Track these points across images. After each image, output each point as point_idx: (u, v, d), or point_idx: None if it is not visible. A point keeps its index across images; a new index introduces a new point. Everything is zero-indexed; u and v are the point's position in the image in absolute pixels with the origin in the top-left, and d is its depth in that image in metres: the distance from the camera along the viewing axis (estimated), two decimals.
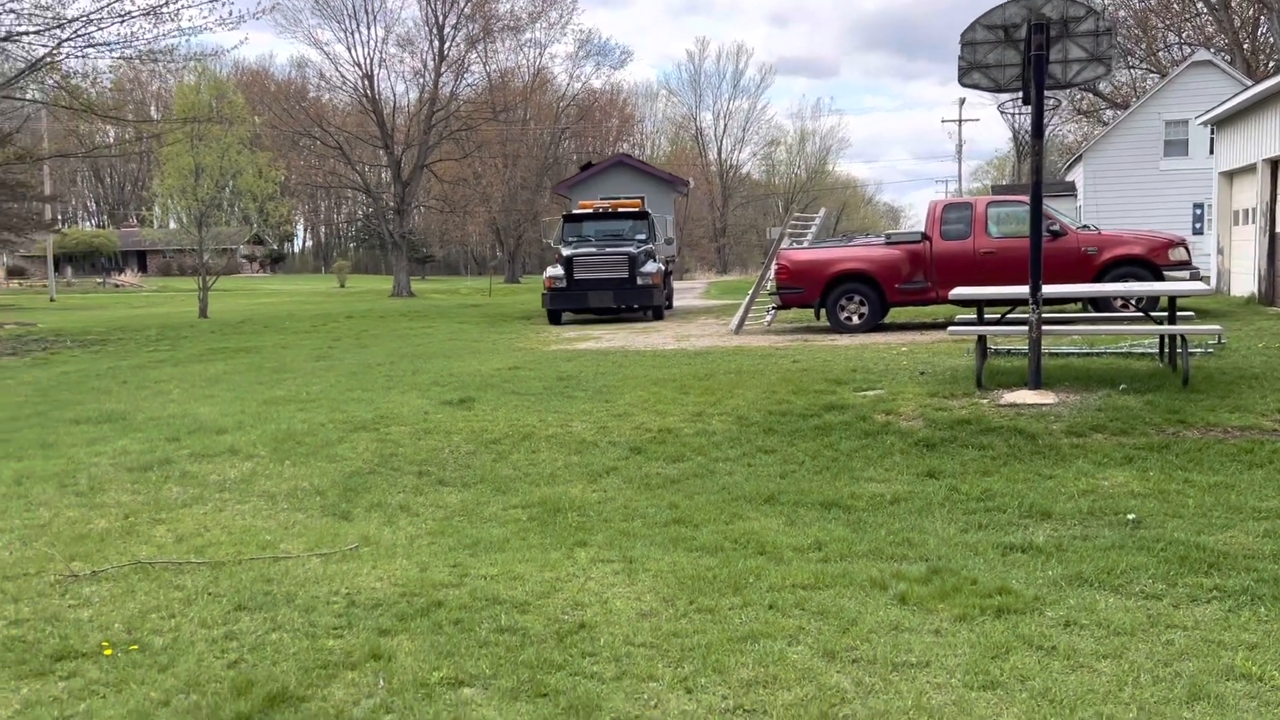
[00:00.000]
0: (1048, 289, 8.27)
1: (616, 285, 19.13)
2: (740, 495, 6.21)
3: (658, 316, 19.59)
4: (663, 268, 20.42)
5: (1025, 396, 7.95)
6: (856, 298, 15.07)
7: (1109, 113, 43.12)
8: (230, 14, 26.30)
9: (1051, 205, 17.02)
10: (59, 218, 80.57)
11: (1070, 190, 35.07)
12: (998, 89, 8.64)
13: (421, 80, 43.36)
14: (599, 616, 4.27)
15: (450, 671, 3.75)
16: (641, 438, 7.65)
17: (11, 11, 18.80)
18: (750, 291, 16.93)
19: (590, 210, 21.86)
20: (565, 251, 19.82)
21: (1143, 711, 3.31)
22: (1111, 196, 29.82)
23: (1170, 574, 4.61)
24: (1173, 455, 6.56)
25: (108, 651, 3.95)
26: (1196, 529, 5.24)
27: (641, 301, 19.27)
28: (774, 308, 16.17)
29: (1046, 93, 8.63)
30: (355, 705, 3.50)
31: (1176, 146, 30.47)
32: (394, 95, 49.89)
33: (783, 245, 16.40)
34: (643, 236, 20.69)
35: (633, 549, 5.22)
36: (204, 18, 37.63)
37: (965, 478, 6.39)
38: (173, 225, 56.39)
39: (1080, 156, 32.88)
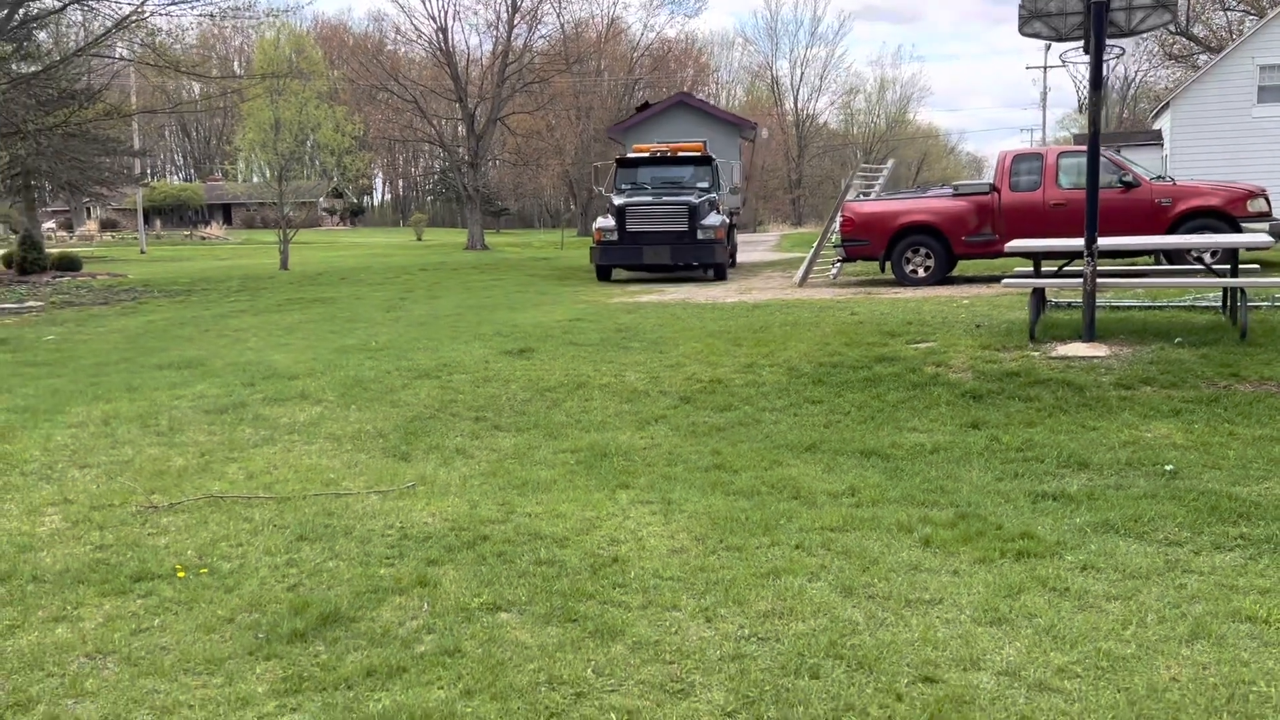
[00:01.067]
0: (1103, 241, 8.20)
1: (674, 239, 17.22)
2: (782, 443, 6.38)
3: (719, 276, 17.52)
4: (727, 220, 18.29)
5: (1078, 349, 7.95)
6: (922, 250, 14.96)
7: (1203, 58, 41.51)
8: None
9: (1128, 156, 16.64)
10: (148, 172, 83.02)
11: (1157, 139, 34.00)
12: (1058, 38, 8.52)
13: (495, 32, 43.59)
14: (632, 552, 4.52)
15: (490, 598, 4.02)
16: (692, 388, 7.85)
17: None
18: (815, 244, 16.91)
19: (646, 154, 19.59)
20: (617, 200, 17.86)
21: (1141, 648, 3.45)
22: (1201, 145, 28.86)
23: (1197, 522, 4.68)
24: (1221, 409, 6.54)
25: (180, 574, 4.31)
26: (1232, 480, 5.28)
27: (702, 258, 17.35)
28: (839, 260, 16.15)
29: (1109, 41, 8.50)
30: (401, 626, 3.80)
31: (1271, 92, 29.28)
32: (468, 48, 50.22)
33: (849, 197, 16.33)
34: (705, 185, 18.53)
35: (672, 491, 5.44)
36: None
37: (1008, 428, 6.47)
38: (256, 179, 57.90)
39: (1167, 104, 31.82)
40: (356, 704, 3.21)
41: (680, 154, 19.34)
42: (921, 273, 14.90)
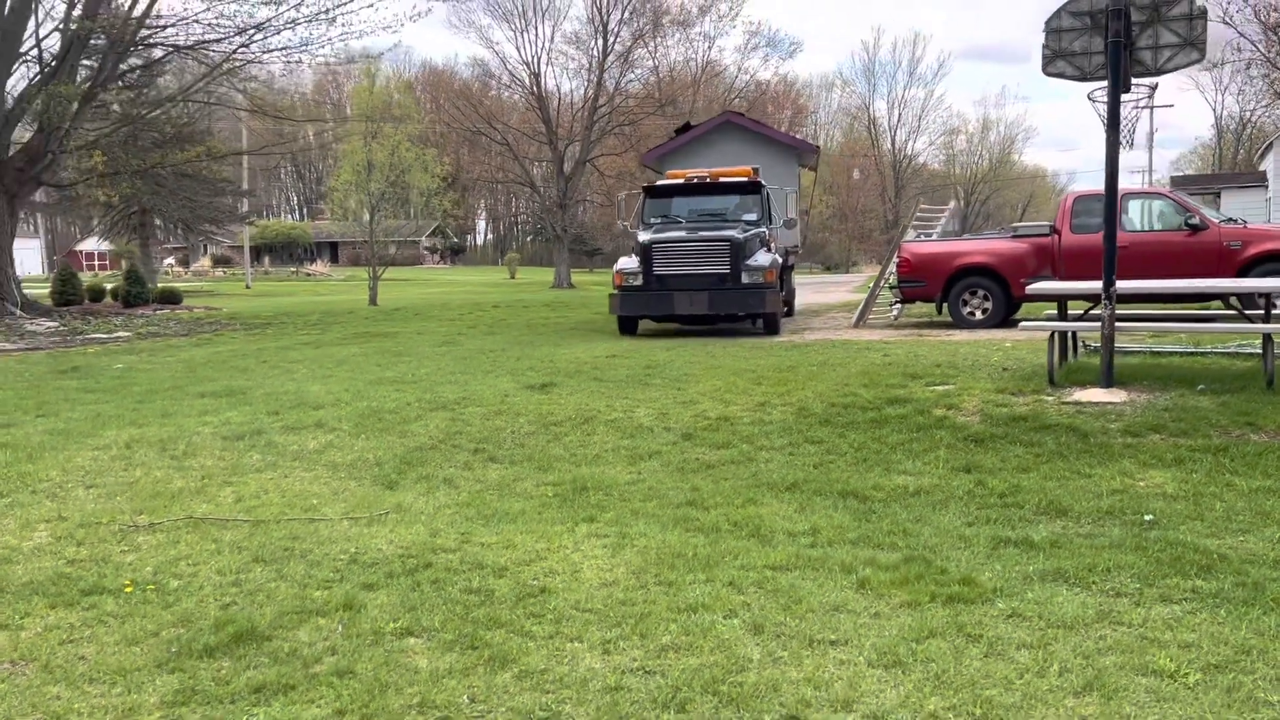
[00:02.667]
0: (1121, 285, 7.97)
1: (713, 283, 14.28)
2: (765, 482, 6.35)
3: (770, 328, 14.69)
4: (779, 260, 15.45)
5: (1094, 395, 7.72)
6: (980, 292, 14.73)
7: None
8: (396, 16, 27.73)
9: (1230, 198, 16.09)
10: (263, 211, 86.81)
11: (1261, 180, 32.72)
12: (1083, 78, 8.37)
13: (589, 75, 44.52)
14: (563, 583, 4.56)
15: (405, 623, 4.12)
16: (697, 425, 7.86)
17: (198, 22, 20.59)
18: (872, 286, 16.75)
19: (681, 181, 16.44)
20: (643, 236, 15.10)
21: (1025, 697, 3.35)
22: None
23: (1153, 574, 4.51)
24: (1226, 458, 6.28)
25: (128, 589, 4.52)
26: (1210, 532, 5.08)
27: (749, 307, 14.40)
28: (897, 302, 15.97)
29: (1138, 81, 8.32)
30: (310, 646, 3.91)
31: None
32: (559, 92, 51.31)
33: (907, 237, 16.16)
34: (753, 217, 15.67)
35: (633, 526, 5.46)
36: (362, 23, 40.43)
37: (999, 473, 6.32)
38: (367, 218, 60.32)
39: (1270, 144, 30.61)
40: (231, 718, 3.33)
41: (723, 180, 16.38)
42: (979, 315, 14.65)
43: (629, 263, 15.12)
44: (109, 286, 29.74)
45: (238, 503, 6.04)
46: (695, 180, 16.34)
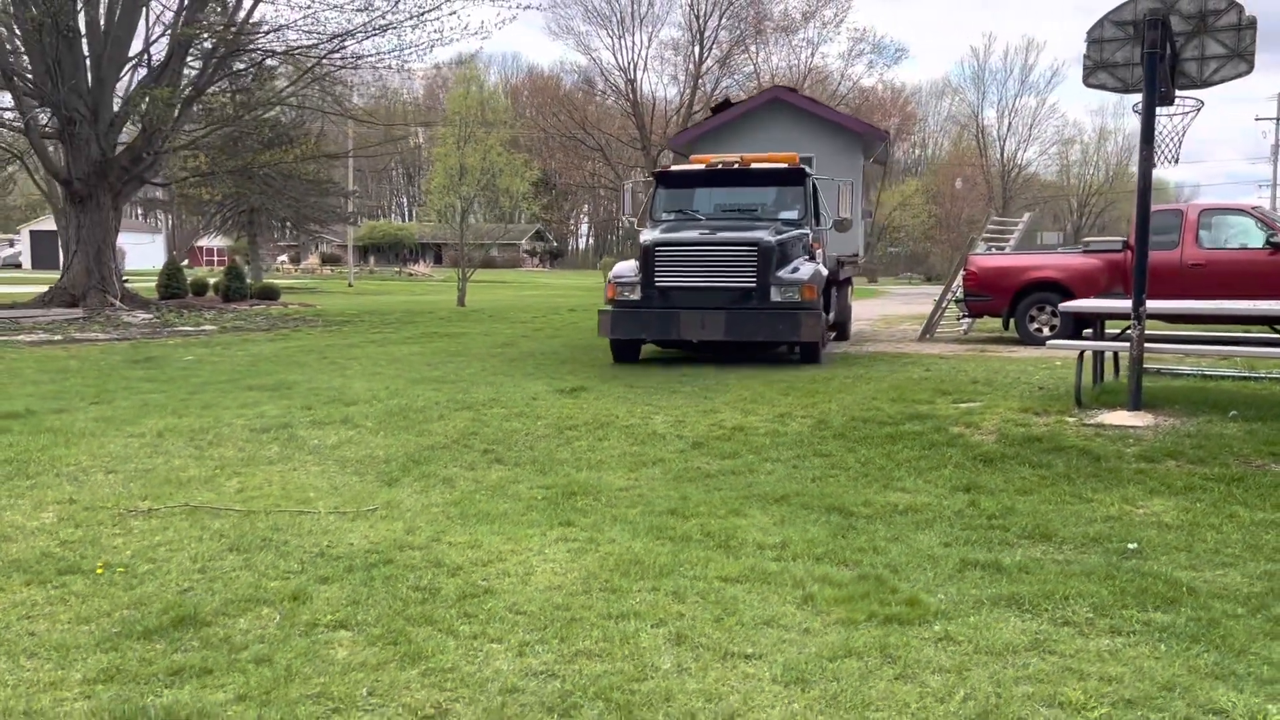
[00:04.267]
0: (1153, 304, 7.67)
1: (733, 300, 11.31)
2: (756, 494, 6.31)
3: (809, 358, 11.62)
4: (823, 271, 12.09)
5: (1118, 418, 7.46)
6: (1048, 308, 14.32)
7: None
8: (482, 25, 28.26)
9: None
10: (374, 211, 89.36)
11: None
12: (1125, 89, 8.10)
13: (690, 82, 44.68)
14: (510, 585, 4.63)
15: (342, 616, 4.24)
16: (711, 434, 7.86)
17: (290, 28, 21.39)
18: (938, 299, 16.42)
19: (703, 168, 13.10)
20: (646, 236, 12.03)
21: None
22: None
23: (1112, 604, 4.36)
24: (1238, 489, 6.01)
25: (99, 571, 4.75)
26: (1189, 564, 4.88)
27: (778, 334, 11.34)
28: (965, 316, 15.63)
29: (1182, 94, 8.02)
30: (245, 634, 4.06)
31: None
32: (654, 99, 51.49)
33: (977, 250, 15.81)
34: (794, 214, 12.46)
35: (607, 532, 5.50)
36: (450, 30, 41.35)
37: (997, 495, 6.16)
38: (458, 220, 61.69)
39: None
40: (139, 698, 3.48)
41: (757, 167, 12.93)
42: (1047, 332, 14.24)
43: (627, 270, 12.02)
44: (212, 281, 31.00)
45: (239, 493, 6.28)
46: (721, 167, 12.97)
